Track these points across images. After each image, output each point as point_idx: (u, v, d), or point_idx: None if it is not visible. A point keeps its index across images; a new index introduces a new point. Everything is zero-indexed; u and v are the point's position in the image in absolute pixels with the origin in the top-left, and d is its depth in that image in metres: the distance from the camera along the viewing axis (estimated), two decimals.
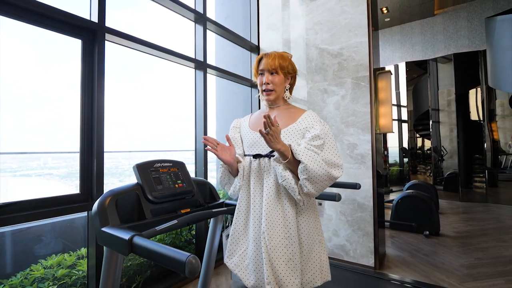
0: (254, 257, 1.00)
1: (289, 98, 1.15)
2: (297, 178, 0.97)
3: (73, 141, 2.04)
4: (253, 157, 1.07)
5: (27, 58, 1.80)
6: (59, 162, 2.34)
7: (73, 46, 1.69)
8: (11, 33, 1.58)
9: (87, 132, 1.65)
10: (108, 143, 1.97)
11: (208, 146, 1.03)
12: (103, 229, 0.91)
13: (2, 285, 1.54)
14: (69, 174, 2.34)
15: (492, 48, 4.32)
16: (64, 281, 1.70)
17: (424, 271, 2.32)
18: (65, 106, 2.12)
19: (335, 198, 1.75)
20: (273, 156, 1.02)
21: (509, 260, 2.54)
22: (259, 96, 1.17)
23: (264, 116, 0.87)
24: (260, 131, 0.90)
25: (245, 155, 1.12)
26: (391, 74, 2.65)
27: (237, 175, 1.10)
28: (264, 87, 1.09)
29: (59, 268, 1.74)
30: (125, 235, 0.83)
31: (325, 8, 2.69)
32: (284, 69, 1.09)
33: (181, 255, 0.67)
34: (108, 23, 1.74)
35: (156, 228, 0.93)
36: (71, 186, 2.29)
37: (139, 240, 0.80)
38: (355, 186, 2.00)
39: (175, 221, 1.00)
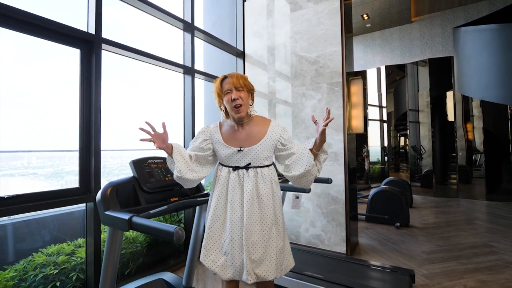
0: (232, 253, 1.17)
1: (253, 112, 1.28)
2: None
3: (60, 140, 2.14)
4: (233, 169, 1.21)
5: (9, 55, 1.83)
6: (44, 161, 2.36)
7: (55, 45, 1.75)
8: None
9: (86, 132, 1.84)
10: (105, 143, 2.12)
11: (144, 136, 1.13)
12: (106, 212, 1.13)
13: (7, 270, 1.71)
14: (54, 174, 2.36)
15: (458, 56, 4.68)
16: (65, 266, 1.88)
17: (390, 257, 2.61)
18: (49, 104, 2.16)
19: (305, 190, 2.01)
20: (251, 167, 1.21)
21: (465, 246, 2.87)
22: (222, 115, 1.31)
23: (327, 112, 1.18)
24: (323, 129, 1.15)
25: (222, 165, 1.26)
26: (363, 80, 2.93)
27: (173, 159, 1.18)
28: (234, 104, 1.18)
29: (59, 255, 1.92)
30: (125, 216, 1.04)
31: (304, 19, 2.94)
32: (247, 86, 1.24)
33: (170, 227, 0.90)
34: (105, 28, 1.93)
35: (150, 211, 1.15)
36: (57, 187, 2.29)
37: (136, 219, 1.02)
38: (327, 181, 2.26)
39: (165, 207, 1.23)
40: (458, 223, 3.77)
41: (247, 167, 1.21)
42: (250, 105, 1.27)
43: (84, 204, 1.89)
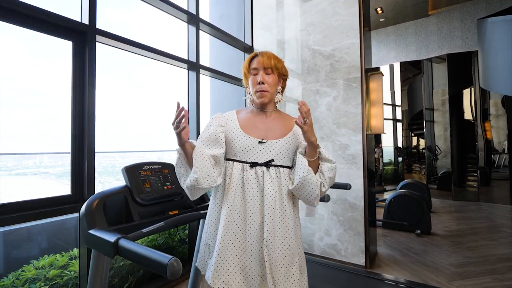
0: (250, 271, 0.94)
1: (279, 101, 1.08)
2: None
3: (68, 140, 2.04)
4: (250, 166, 0.97)
5: (21, 56, 1.80)
6: (55, 160, 2.32)
7: (67, 44, 1.70)
8: (3, 30, 1.57)
9: (78, 132, 1.66)
10: (107, 143, 1.96)
11: (178, 119, 0.88)
12: (90, 231, 0.93)
13: None
14: (65, 173, 2.31)
15: (483, 49, 4.36)
16: (56, 281, 1.71)
17: (414, 270, 2.36)
18: (59, 105, 2.09)
19: (324, 198, 1.78)
20: (273, 165, 0.97)
21: (498, 258, 2.59)
22: (248, 99, 1.09)
23: (300, 104, 0.86)
24: (297, 121, 0.88)
25: (234, 161, 0.99)
26: (383, 75, 2.68)
27: (191, 164, 0.95)
28: (258, 87, 0.99)
29: (51, 268, 1.74)
30: (111, 238, 0.84)
31: (317, 9, 2.71)
32: (279, 69, 1.03)
33: (163, 257, 0.69)
34: (104, 24, 1.74)
35: (142, 230, 0.95)
36: (68, 185, 2.28)
37: (124, 243, 0.82)
38: (346, 187, 2.03)
39: (162, 223, 1.02)
40: (484, 230, 3.48)
41: (268, 164, 0.97)
42: (278, 92, 1.06)
43: (77, 213, 1.72)
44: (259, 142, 0.98)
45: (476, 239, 3.13)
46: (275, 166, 0.98)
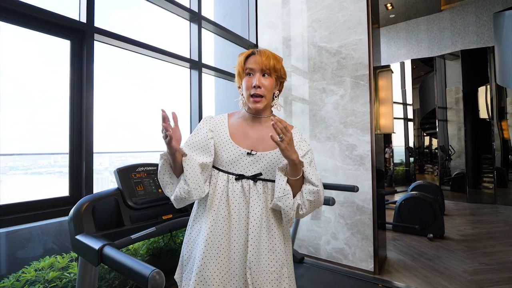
0: None
1: (275, 106, 0.98)
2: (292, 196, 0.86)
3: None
4: (236, 178, 0.88)
5: (36, 58, 1.81)
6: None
7: None
8: (19, 34, 1.57)
9: (76, 133, 1.63)
10: (119, 143, 1.94)
11: (165, 124, 0.78)
12: (77, 237, 0.88)
13: None
14: None
15: (500, 44, 4.16)
16: (55, 283, 1.68)
17: (426, 277, 2.24)
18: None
19: (329, 202, 1.70)
20: (260, 179, 0.89)
21: None
22: (241, 101, 0.98)
23: (274, 120, 0.76)
24: (272, 137, 0.77)
25: (219, 170, 0.91)
26: (392, 72, 2.57)
27: (179, 172, 0.86)
28: (253, 91, 0.88)
29: (51, 270, 1.72)
30: (96, 244, 0.79)
31: (324, 5, 2.62)
32: (278, 72, 0.92)
33: (145, 269, 0.64)
34: (116, 26, 1.72)
35: (131, 236, 0.90)
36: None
37: (108, 251, 0.76)
38: (353, 189, 1.94)
39: (153, 229, 0.97)
40: (501, 235, 3.30)
41: (255, 177, 0.88)
42: (275, 96, 0.96)
43: None
44: (248, 154, 0.89)
45: (493, 244, 2.97)
46: (263, 180, 0.89)
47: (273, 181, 0.90)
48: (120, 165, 1.12)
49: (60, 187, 1.69)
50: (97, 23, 1.72)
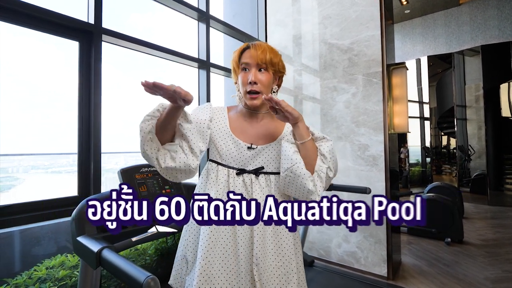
0: None
1: None
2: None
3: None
4: (237, 173, 0.85)
5: (55, 60, 1.86)
6: None
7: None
8: (39, 37, 1.61)
9: (85, 133, 1.64)
10: (133, 144, 1.97)
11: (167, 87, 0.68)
12: (78, 238, 0.87)
13: (6, 284, 1.57)
14: None
15: None
16: (65, 282, 1.71)
17: (443, 284, 2.13)
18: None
19: (366, 191, 1.67)
20: (262, 172, 0.86)
21: None
22: (237, 96, 0.94)
23: (266, 99, 0.76)
24: (271, 107, 0.79)
25: (218, 164, 0.88)
26: (407, 69, 2.46)
27: (168, 138, 0.79)
28: (249, 88, 0.84)
29: (61, 268, 1.75)
30: (95, 247, 0.78)
31: (334, 1, 2.54)
32: (275, 66, 0.88)
33: (140, 275, 0.61)
34: (131, 30, 1.74)
35: (132, 238, 0.88)
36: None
37: (107, 254, 0.75)
38: (365, 191, 1.86)
39: (154, 230, 0.95)
40: None
41: (257, 171, 0.85)
42: (273, 92, 0.91)
43: None
44: (248, 148, 0.86)
45: None
46: (265, 173, 0.86)
47: (276, 173, 0.87)
48: (124, 166, 1.11)
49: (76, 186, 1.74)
50: (111, 26, 1.73)
